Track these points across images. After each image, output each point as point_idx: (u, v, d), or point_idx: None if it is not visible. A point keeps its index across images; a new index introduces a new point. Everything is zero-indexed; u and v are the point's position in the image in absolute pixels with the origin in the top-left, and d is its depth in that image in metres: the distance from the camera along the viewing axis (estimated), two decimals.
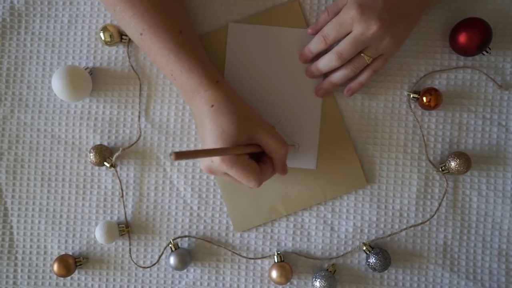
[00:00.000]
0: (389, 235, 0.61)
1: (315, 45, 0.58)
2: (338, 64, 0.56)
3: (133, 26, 0.54)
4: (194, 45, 0.55)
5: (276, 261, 0.60)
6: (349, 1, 0.54)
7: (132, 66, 0.62)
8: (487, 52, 0.59)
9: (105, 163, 0.61)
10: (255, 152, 0.53)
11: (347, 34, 0.55)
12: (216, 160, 0.50)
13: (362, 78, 0.58)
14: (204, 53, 0.56)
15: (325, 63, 0.58)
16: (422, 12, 0.57)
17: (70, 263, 0.60)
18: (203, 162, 0.52)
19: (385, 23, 0.53)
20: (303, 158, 0.61)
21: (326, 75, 0.60)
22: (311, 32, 0.60)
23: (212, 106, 0.52)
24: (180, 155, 0.42)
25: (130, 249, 0.62)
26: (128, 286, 0.62)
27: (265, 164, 0.54)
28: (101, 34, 0.60)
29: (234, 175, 0.51)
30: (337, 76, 0.58)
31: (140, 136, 0.62)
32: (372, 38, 0.54)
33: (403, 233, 0.61)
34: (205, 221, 0.62)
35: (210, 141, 0.52)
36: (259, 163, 0.53)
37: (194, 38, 0.56)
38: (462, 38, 0.58)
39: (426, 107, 0.59)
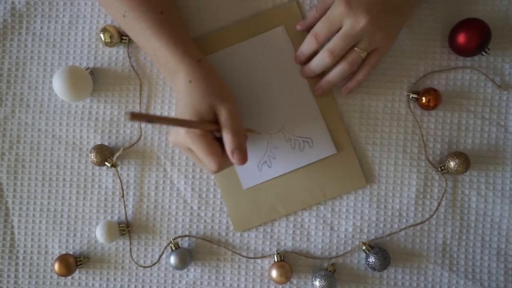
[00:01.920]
0: (389, 235, 0.61)
1: (307, 45, 0.58)
2: (330, 61, 0.56)
3: (116, 8, 0.56)
4: (175, 25, 0.56)
5: (276, 260, 0.60)
6: None
7: (132, 66, 0.62)
8: (486, 52, 0.60)
9: (105, 163, 0.61)
10: (214, 130, 0.53)
11: (338, 31, 0.55)
12: (181, 132, 0.51)
13: (360, 75, 0.59)
14: (187, 32, 0.57)
15: (317, 62, 0.58)
16: (414, 4, 0.57)
17: (71, 263, 0.61)
18: (171, 134, 0.53)
19: (374, 16, 0.53)
20: (321, 149, 0.61)
21: (322, 74, 0.60)
22: (299, 28, 0.60)
23: (190, 81, 0.53)
24: (136, 116, 0.41)
25: (130, 248, 0.62)
26: (128, 285, 0.62)
27: None
28: (101, 35, 0.60)
29: (195, 150, 0.51)
30: (333, 74, 0.58)
31: (140, 136, 0.62)
32: (362, 31, 0.54)
33: (403, 232, 0.61)
34: (205, 220, 0.62)
35: (179, 112, 0.53)
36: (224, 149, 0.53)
37: (176, 18, 0.57)
38: (461, 38, 0.58)
39: (426, 107, 0.60)
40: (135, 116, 0.41)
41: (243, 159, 0.52)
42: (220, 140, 0.53)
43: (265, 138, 0.61)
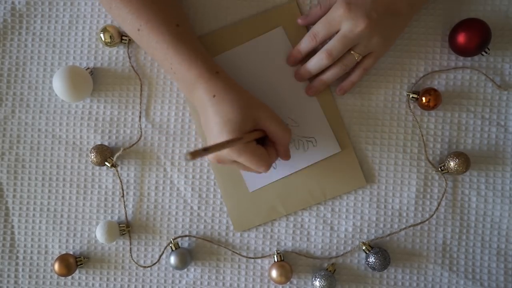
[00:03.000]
0: (389, 235, 0.61)
1: (305, 43, 0.58)
2: (328, 62, 0.56)
3: (130, 23, 0.55)
4: (191, 37, 0.55)
5: (276, 260, 0.60)
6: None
7: (132, 66, 0.62)
8: (486, 52, 0.60)
9: (105, 163, 0.61)
10: (260, 137, 0.54)
11: (336, 33, 0.55)
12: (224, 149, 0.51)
13: (353, 77, 0.59)
14: (202, 45, 0.56)
15: (314, 63, 0.58)
16: (415, 12, 0.57)
17: (71, 263, 0.61)
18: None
19: (373, 21, 0.53)
20: (325, 148, 0.61)
21: (314, 76, 0.60)
22: (300, 22, 0.60)
23: (214, 96, 0.52)
24: (195, 154, 0.42)
25: (130, 248, 0.62)
26: (128, 285, 0.62)
27: (270, 148, 0.55)
28: (101, 35, 0.60)
29: (243, 162, 0.52)
30: (327, 75, 0.58)
31: (141, 136, 0.62)
32: (360, 35, 0.54)
33: (403, 232, 0.61)
34: (205, 220, 0.62)
35: (216, 131, 0.52)
36: (264, 147, 0.54)
37: (191, 30, 0.56)
38: (461, 38, 0.58)
39: (426, 107, 0.60)
40: (195, 155, 0.42)
41: (290, 157, 0.56)
42: (257, 141, 0.53)
43: None
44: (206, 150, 0.44)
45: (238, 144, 0.50)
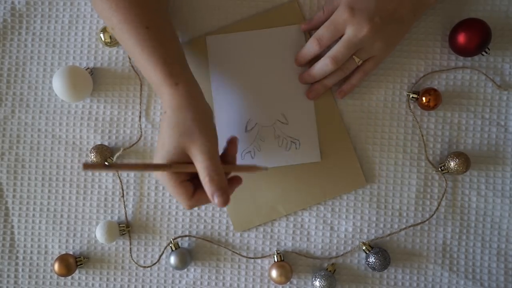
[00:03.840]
0: (389, 235, 0.61)
1: (308, 49, 0.58)
2: (333, 68, 0.56)
3: (108, 20, 0.54)
4: (159, 42, 0.52)
5: (276, 260, 0.60)
6: (342, 3, 0.55)
7: (132, 66, 0.62)
8: (486, 52, 0.60)
9: (105, 163, 0.61)
10: (190, 172, 0.49)
11: (340, 37, 0.55)
12: (156, 171, 0.50)
13: (354, 80, 0.59)
14: (172, 50, 0.53)
15: (319, 68, 0.57)
16: (416, 17, 0.58)
17: (71, 263, 0.61)
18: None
19: (376, 25, 0.54)
20: (306, 153, 0.61)
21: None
22: (304, 28, 0.60)
23: (165, 112, 0.51)
24: (91, 166, 0.42)
25: (130, 248, 0.62)
26: (128, 285, 0.62)
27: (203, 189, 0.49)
28: (101, 35, 0.60)
29: (167, 189, 0.51)
30: (328, 79, 0.58)
31: (141, 136, 0.62)
32: (364, 40, 0.54)
33: (403, 232, 0.61)
34: (205, 220, 0.62)
35: (156, 148, 0.51)
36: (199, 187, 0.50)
37: (162, 35, 0.53)
38: (461, 38, 0.58)
39: (426, 107, 0.60)
40: (91, 166, 0.41)
41: (226, 201, 0.48)
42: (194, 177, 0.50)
43: (255, 129, 0.61)
44: (107, 167, 0.42)
45: (162, 171, 0.48)
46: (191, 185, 0.50)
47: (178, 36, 0.57)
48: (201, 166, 0.48)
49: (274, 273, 0.60)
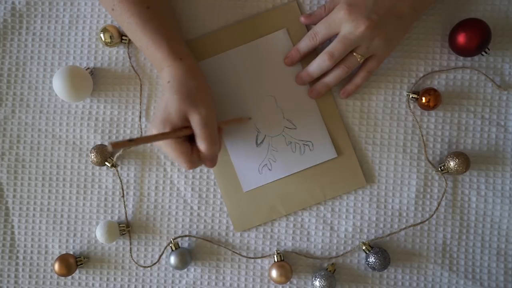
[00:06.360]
0: (389, 235, 0.61)
1: (304, 43, 0.58)
2: (330, 64, 0.56)
3: (106, 1, 0.57)
4: (161, 21, 0.55)
5: (276, 260, 0.61)
6: (341, 1, 0.55)
7: (132, 66, 0.62)
8: (486, 52, 0.60)
9: (105, 163, 0.61)
10: (187, 134, 0.52)
11: (337, 35, 0.56)
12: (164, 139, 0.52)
13: (357, 80, 0.59)
14: (173, 29, 0.56)
15: (316, 65, 0.58)
16: (418, 14, 0.57)
17: (71, 263, 0.61)
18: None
19: (373, 23, 0.54)
20: (321, 152, 0.61)
21: (316, 79, 0.60)
22: (303, 20, 0.60)
23: (169, 82, 0.53)
24: (118, 145, 0.44)
25: (130, 248, 0.62)
26: (128, 285, 0.62)
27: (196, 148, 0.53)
28: (101, 35, 0.60)
29: (165, 153, 0.53)
30: (330, 77, 0.58)
31: (141, 136, 0.62)
32: (361, 37, 0.54)
33: (403, 232, 0.61)
34: (205, 220, 0.62)
35: (155, 114, 0.53)
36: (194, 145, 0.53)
37: (163, 14, 0.56)
38: (461, 38, 0.58)
39: (425, 107, 0.60)
40: (116, 145, 0.43)
41: (213, 166, 0.54)
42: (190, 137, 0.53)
43: (266, 141, 0.61)
44: (130, 141, 0.45)
45: (165, 139, 0.51)
46: (188, 143, 0.52)
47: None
48: (198, 131, 0.51)
49: (274, 273, 0.60)
